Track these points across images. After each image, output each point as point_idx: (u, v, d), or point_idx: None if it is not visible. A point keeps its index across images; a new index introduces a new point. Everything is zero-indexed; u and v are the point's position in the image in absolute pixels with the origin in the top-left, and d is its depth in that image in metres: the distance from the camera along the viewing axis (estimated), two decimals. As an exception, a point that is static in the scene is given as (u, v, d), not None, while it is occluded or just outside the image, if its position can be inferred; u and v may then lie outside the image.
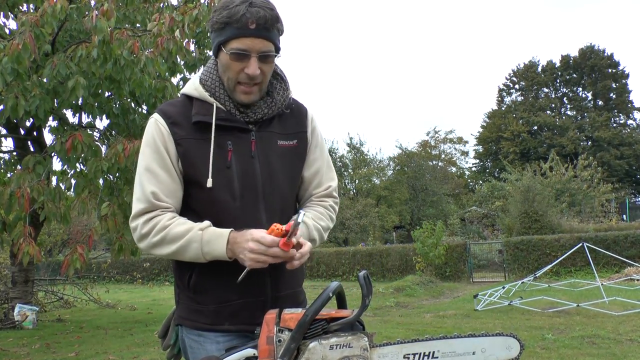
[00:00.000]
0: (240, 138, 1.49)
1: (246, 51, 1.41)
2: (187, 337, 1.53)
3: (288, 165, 1.56)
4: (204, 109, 1.49)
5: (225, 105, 1.49)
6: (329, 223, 1.61)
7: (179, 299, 1.56)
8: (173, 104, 1.55)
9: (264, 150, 1.51)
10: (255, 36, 1.40)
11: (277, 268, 1.49)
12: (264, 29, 1.40)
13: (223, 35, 1.42)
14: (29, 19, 5.54)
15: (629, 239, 13.92)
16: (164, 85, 6.67)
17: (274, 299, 1.49)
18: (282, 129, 1.57)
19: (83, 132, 6.05)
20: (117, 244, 6.34)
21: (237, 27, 1.39)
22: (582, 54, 42.18)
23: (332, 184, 1.65)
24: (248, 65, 1.42)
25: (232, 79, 1.45)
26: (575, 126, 40.52)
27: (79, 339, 7.58)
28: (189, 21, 5.99)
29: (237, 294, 1.45)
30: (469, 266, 15.98)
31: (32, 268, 9.18)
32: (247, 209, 1.47)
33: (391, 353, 1.26)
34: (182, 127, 1.47)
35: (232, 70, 1.44)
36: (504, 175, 26.79)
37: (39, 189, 5.74)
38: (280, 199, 1.52)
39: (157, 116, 1.49)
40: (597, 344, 5.83)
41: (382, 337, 6.29)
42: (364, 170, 32.26)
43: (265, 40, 1.42)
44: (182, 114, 1.49)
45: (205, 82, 1.52)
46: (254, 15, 1.38)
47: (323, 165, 1.64)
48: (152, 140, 1.47)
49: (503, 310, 8.64)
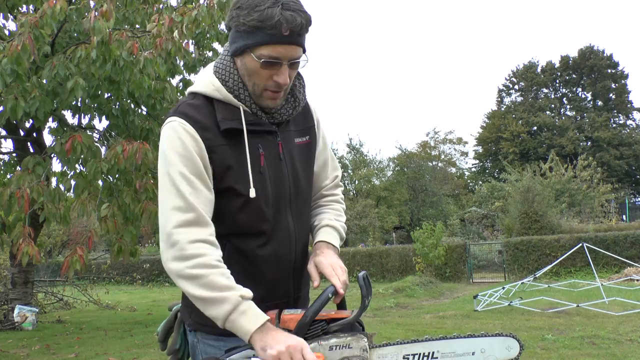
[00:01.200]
0: (268, 141, 1.42)
1: (278, 59, 1.30)
2: (202, 342, 1.45)
3: (306, 164, 1.52)
4: (230, 113, 1.38)
5: (251, 108, 1.40)
6: (344, 216, 1.60)
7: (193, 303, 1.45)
8: (195, 106, 1.38)
9: (288, 152, 1.46)
10: (289, 43, 1.29)
11: (299, 269, 1.49)
12: (297, 36, 1.30)
13: (252, 39, 1.29)
14: (29, 20, 5.53)
15: (628, 239, 13.92)
16: (164, 87, 6.67)
17: (295, 299, 1.49)
18: (296, 125, 1.52)
19: (82, 134, 6.05)
20: (117, 245, 6.32)
21: (271, 33, 1.27)
22: (582, 54, 42.23)
23: (337, 174, 1.64)
24: (279, 74, 1.32)
25: (259, 85, 1.35)
26: (574, 126, 40.56)
27: (78, 340, 7.58)
28: (188, 22, 5.99)
29: (263, 297, 1.37)
30: (469, 267, 15.98)
31: (32, 269, 9.18)
32: (279, 214, 1.43)
33: (391, 354, 1.26)
34: (212, 131, 1.35)
35: (261, 77, 1.34)
36: (503, 175, 26.82)
37: (38, 190, 5.74)
38: (303, 201, 1.50)
39: (183, 121, 1.33)
40: (597, 344, 5.83)
41: (382, 338, 6.28)
42: (364, 171, 32.27)
43: (297, 47, 1.31)
44: (208, 118, 1.36)
45: (226, 82, 1.39)
46: (289, 21, 1.26)
47: (328, 157, 1.62)
48: (180, 147, 1.31)
49: (503, 310, 8.64)
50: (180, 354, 1.55)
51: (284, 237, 1.44)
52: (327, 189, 1.61)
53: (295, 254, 1.46)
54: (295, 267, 1.47)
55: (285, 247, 1.44)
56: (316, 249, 1.45)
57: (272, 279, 1.43)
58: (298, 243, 1.47)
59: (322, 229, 1.49)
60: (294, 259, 1.46)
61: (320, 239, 1.47)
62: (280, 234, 1.43)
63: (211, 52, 8.18)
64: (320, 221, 1.52)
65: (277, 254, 1.42)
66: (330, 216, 1.54)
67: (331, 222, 1.51)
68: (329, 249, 1.44)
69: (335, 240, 1.48)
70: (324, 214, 1.55)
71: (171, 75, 7.45)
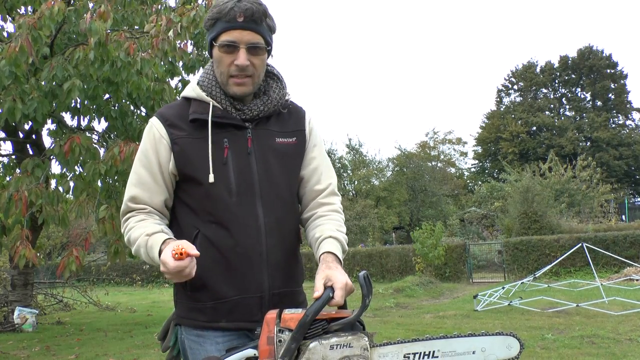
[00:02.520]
0: (236, 135, 1.52)
1: (234, 42, 1.46)
2: (186, 338, 1.53)
3: (286, 163, 1.57)
4: (201, 107, 1.53)
5: (221, 104, 1.53)
6: (344, 227, 1.62)
7: (177, 298, 1.57)
8: (171, 106, 1.60)
9: (260, 148, 1.53)
10: (243, 28, 1.45)
11: (275, 264, 1.50)
12: (252, 22, 1.45)
13: (214, 30, 1.49)
14: (27, 21, 5.52)
15: (628, 239, 13.92)
16: (162, 88, 6.66)
17: (271, 297, 1.49)
18: (281, 127, 1.59)
19: (81, 135, 6.03)
20: (114, 247, 6.24)
21: (226, 20, 1.45)
22: (581, 54, 42.25)
23: (332, 182, 1.65)
24: (237, 57, 1.46)
25: (224, 72, 1.50)
26: (574, 127, 40.57)
27: (78, 341, 7.57)
28: (187, 22, 5.98)
29: (235, 290, 1.46)
30: (469, 267, 15.98)
31: (32, 271, 9.17)
32: (244, 205, 1.48)
33: (391, 353, 1.26)
34: (179, 127, 1.52)
35: (223, 64, 1.49)
36: (503, 175, 26.84)
37: (37, 192, 5.72)
38: (276, 195, 1.53)
39: (154, 119, 1.56)
40: (597, 343, 5.83)
41: (382, 338, 6.26)
42: (363, 171, 32.25)
43: (253, 33, 1.46)
44: (179, 115, 1.54)
45: (202, 82, 1.57)
46: (242, 8, 1.43)
47: (322, 164, 1.65)
48: (142, 144, 1.56)
49: (503, 310, 8.64)
50: (175, 352, 1.60)
51: (250, 229, 1.47)
52: (323, 196, 1.62)
53: (266, 247, 1.48)
54: (270, 262, 1.48)
55: (252, 239, 1.47)
56: (326, 260, 1.43)
57: (241, 270, 1.46)
58: (270, 236, 1.49)
59: (327, 240, 1.49)
60: (265, 252, 1.48)
61: (327, 250, 1.46)
62: (246, 226, 1.47)
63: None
64: (322, 232, 1.52)
65: (242, 245, 1.46)
66: (332, 227, 1.54)
67: (334, 233, 1.52)
68: (336, 262, 1.43)
69: (340, 253, 1.49)
70: (326, 225, 1.55)
71: (170, 76, 7.45)
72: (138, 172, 1.54)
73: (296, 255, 1.61)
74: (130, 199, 1.53)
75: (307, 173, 1.62)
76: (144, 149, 1.55)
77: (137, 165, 1.55)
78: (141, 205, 1.52)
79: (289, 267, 1.56)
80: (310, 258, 12.33)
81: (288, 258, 1.55)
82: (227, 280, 1.45)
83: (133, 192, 1.53)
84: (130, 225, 1.51)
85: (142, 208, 1.52)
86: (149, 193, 1.52)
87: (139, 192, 1.52)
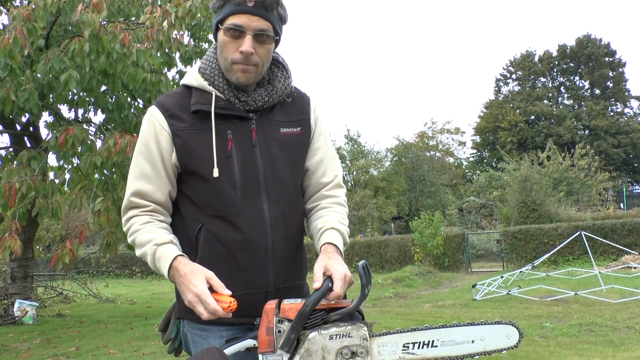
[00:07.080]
0: (240, 127, 1.46)
1: (242, 27, 1.38)
2: (189, 331, 1.50)
3: (290, 154, 1.52)
4: (203, 98, 1.45)
5: (224, 94, 1.46)
6: (347, 220, 1.59)
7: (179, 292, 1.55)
8: (171, 95, 1.52)
9: (265, 139, 1.48)
10: (253, 13, 1.38)
11: (280, 259, 1.47)
12: (263, 7, 1.38)
13: (221, 13, 1.41)
14: (21, 13, 5.48)
15: (626, 227, 13.97)
16: (159, 79, 6.61)
17: (277, 291, 1.46)
18: (285, 116, 1.53)
19: (76, 127, 5.99)
20: (107, 239, 6.19)
21: (235, 3, 1.38)
22: (579, 43, 42.10)
23: (338, 174, 1.62)
24: (243, 43, 1.39)
25: (227, 59, 1.42)
26: (572, 115, 40.54)
27: (79, 333, 7.60)
28: (182, 13, 5.92)
29: (240, 285, 1.41)
30: (467, 256, 16.04)
31: (31, 264, 9.18)
32: (249, 199, 1.44)
33: (391, 342, 1.26)
34: (181, 118, 1.44)
35: (229, 49, 1.41)
36: (501, 165, 26.83)
37: (30, 185, 5.67)
38: (282, 188, 1.49)
39: (154, 109, 1.47)
40: (595, 331, 5.87)
41: (382, 328, 6.29)
42: (362, 161, 32.22)
43: (262, 19, 1.39)
44: (180, 104, 1.46)
45: (204, 70, 1.48)
46: None
47: (327, 154, 1.60)
48: (142, 134, 1.48)
49: (501, 299, 8.68)
50: (176, 344, 1.58)
51: (255, 223, 1.44)
52: (328, 189, 1.59)
53: (271, 241, 1.45)
54: (275, 256, 1.45)
55: (257, 234, 1.44)
56: (327, 251, 1.42)
57: (246, 265, 1.44)
58: (275, 231, 1.46)
59: (329, 231, 1.47)
60: (271, 246, 1.45)
61: (328, 241, 1.44)
62: (251, 220, 1.43)
63: (207, 44, 8.12)
64: (325, 223, 1.50)
65: (248, 240, 1.43)
66: (335, 218, 1.52)
67: (336, 225, 1.49)
68: (337, 253, 1.41)
69: (341, 245, 1.47)
70: (328, 217, 1.53)
71: (167, 67, 7.40)
72: (140, 165, 1.46)
73: (301, 248, 1.58)
74: (134, 194, 1.45)
75: (313, 164, 1.58)
76: (145, 140, 1.46)
77: (138, 157, 1.47)
78: (145, 202, 1.45)
79: (294, 260, 1.53)
80: (310, 249, 12.34)
81: (293, 252, 1.52)
82: (233, 275, 1.40)
83: (136, 186, 1.45)
84: (135, 227, 1.44)
85: (145, 205, 1.45)
86: (153, 186, 1.45)
87: (143, 185, 1.45)
